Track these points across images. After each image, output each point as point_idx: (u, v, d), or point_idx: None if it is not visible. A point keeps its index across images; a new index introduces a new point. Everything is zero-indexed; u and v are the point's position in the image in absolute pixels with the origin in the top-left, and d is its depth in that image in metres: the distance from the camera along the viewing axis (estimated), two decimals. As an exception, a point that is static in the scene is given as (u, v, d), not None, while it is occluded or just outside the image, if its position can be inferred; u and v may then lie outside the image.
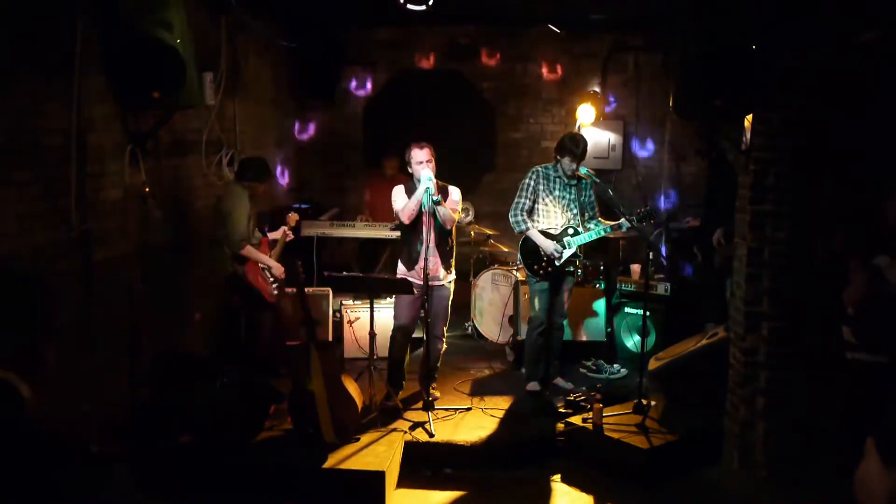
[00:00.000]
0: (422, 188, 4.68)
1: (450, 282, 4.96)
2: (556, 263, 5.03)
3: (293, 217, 5.47)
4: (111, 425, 3.95)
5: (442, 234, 4.83)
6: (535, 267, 5.07)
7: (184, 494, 3.94)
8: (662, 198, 7.36)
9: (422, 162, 4.76)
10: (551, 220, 5.10)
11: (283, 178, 7.28)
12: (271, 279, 5.11)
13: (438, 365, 5.14)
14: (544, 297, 5.12)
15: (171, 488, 3.93)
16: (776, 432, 4.09)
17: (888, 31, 3.61)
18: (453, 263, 4.99)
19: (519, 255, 5.19)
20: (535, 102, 7.67)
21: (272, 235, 5.38)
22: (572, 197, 5.11)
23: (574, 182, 5.10)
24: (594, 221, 5.16)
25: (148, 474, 3.79)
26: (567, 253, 5.03)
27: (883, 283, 3.37)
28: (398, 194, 4.91)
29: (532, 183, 5.08)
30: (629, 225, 4.94)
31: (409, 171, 4.89)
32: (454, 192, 4.93)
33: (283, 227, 5.39)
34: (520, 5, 6.61)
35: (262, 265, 5.05)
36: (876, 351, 3.43)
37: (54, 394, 1.39)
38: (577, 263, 5.35)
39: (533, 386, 5.21)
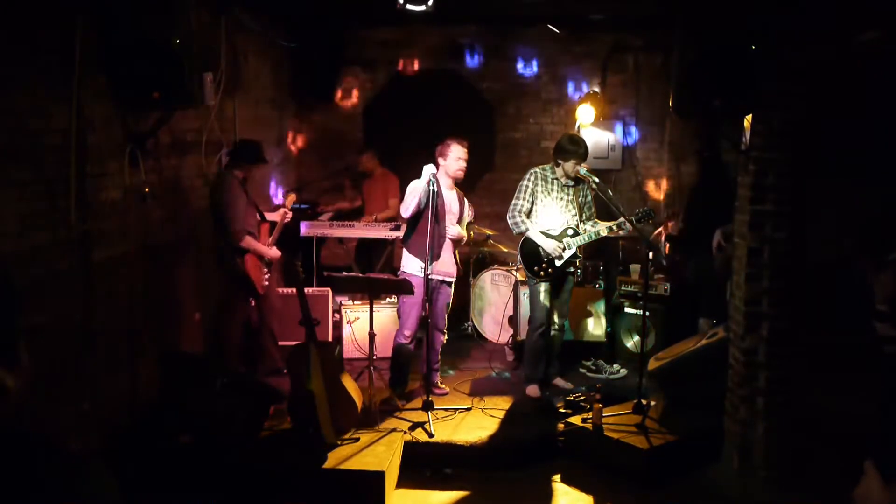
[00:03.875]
0: (422, 182, 4.73)
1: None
2: (557, 264, 5.02)
3: (291, 198, 5.52)
4: (111, 425, 3.95)
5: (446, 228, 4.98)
6: (536, 268, 5.05)
7: (184, 494, 3.94)
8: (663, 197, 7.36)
9: (459, 158, 4.98)
10: (550, 220, 5.08)
11: (280, 183, 7.27)
12: (265, 270, 5.10)
13: (439, 357, 5.23)
14: (544, 299, 5.12)
15: (171, 488, 3.93)
16: (776, 432, 4.09)
17: (888, 31, 3.61)
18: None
19: (519, 257, 5.18)
20: (535, 102, 7.66)
21: (270, 217, 5.35)
22: (570, 198, 5.11)
23: (571, 183, 5.10)
24: (591, 222, 5.16)
25: (147, 474, 3.79)
26: (567, 253, 5.02)
27: None
28: (410, 190, 4.92)
29: (530, 185, 5.07)
30: (628, 226, 4.94)
31: (442, 163, 4.96)
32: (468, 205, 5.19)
33: (283, 209, 5.36)
34: (520, 5, 6.61)
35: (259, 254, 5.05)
36: None
37: (38, 391, 1.40)
38: (577, 264, 5.35)
39: (533, 390, 5.19)
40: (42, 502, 1.23)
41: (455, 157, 4.89)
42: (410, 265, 4.97)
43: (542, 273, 5.04)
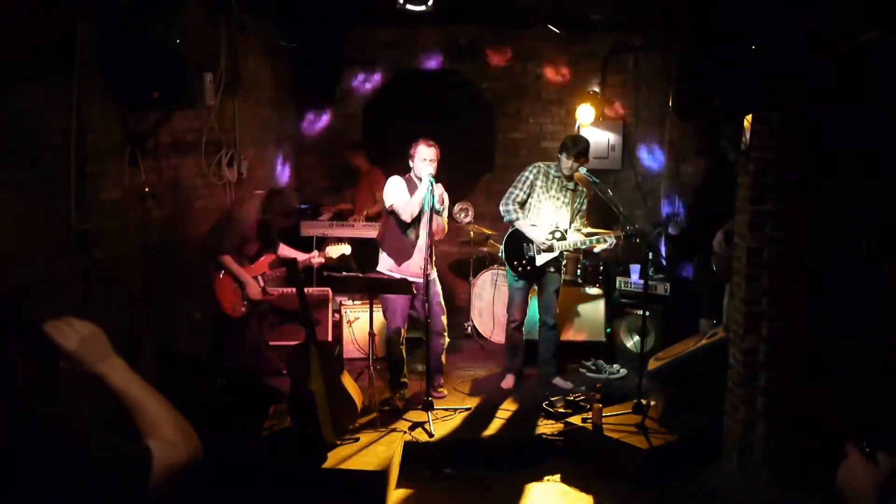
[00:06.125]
0: (423, 188, 4.70)
1: (436, 276, 5.05)
2: (538, 263, 5.05)
3: (339, 250, 5.07)
4: (111, 425, 3.95)
5: (429, 231, 4.90)
6: (515, 263, 5.10)
7: (183, 494, 3.94)
8: (665, 200, 7.35)
9: (426, 160, 4.78)
10: (541, 218, 5.10)
11: (284, 176, 7.27)
12: (244, 298, 4.93)
13: (443, 360, 5.21)
14: (520, 296, 5.19)
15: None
16: (776, 432, 4.10)
17: (888, 31, 3.61)
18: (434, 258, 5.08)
19: (502, 249, 5.21)
20: (535, 102, 7.65)
21: (299, 256, 5.09)
22: (566, 200, 5.11)
23: (571, 186, 5.11)
24: (577, 232, 5.17)
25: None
26: (551, 254, 5.05)
27: None
28: (396, 187, 4.89)
29: (531, 177, 5.09)
30: (613, 242, 5.00)
31: (410, 164, 4.90)
32: (437, 189, 4.86)
33: (316, 253, 5.20)
34: (520, 5, 6.61)
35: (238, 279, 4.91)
36: None
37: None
38: (564, 266, 5.41)
39: (508, 382, 5.34)
40: (43, 501, 1.24)
41: (420, 159, 4.80)
42: (382, 263, 5.01)
43: (520, 269, 5.08)
